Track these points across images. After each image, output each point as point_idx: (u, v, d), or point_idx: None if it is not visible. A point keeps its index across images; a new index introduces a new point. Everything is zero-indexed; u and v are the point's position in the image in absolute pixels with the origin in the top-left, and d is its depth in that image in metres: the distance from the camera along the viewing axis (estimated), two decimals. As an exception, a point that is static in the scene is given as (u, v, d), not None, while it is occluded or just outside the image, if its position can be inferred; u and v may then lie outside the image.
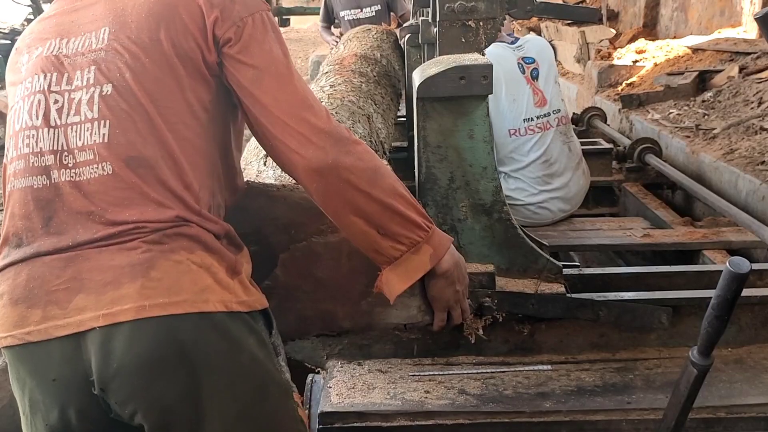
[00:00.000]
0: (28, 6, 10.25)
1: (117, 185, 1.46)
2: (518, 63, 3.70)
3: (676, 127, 5.05)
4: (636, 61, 6.89)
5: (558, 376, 2.35)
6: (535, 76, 3.70)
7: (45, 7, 9.98)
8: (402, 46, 4.63)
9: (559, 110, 3.76)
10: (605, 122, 5.64)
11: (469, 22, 2.53)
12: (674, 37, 7.48)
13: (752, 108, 4.90)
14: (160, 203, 1.47)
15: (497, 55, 3.61)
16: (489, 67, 2.25)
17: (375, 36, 4.79)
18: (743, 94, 5.25)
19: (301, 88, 1.61)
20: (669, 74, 6.27)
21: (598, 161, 4.54)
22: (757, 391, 2.18)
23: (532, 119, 3.65)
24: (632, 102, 5.91)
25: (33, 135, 1.49)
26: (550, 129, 3.67)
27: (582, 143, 4.76)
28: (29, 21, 10.79)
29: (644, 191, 4.39)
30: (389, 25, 6.02)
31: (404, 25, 4.97)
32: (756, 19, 1.96)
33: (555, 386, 2.29)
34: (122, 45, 1.50)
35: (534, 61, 3.72)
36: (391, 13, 6.69)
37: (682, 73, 6.12)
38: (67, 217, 1.45)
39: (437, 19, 2.55)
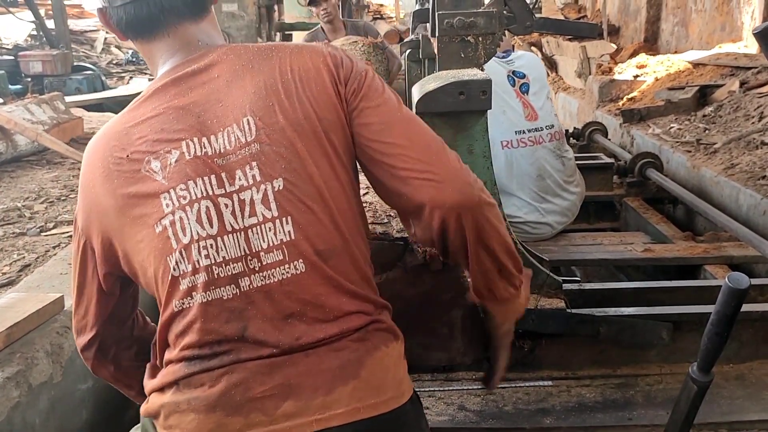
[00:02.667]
0: (32, 22, 10.29)
1: (312, 282, 1.39)
2: (508, 76, 3.70)
3: (677, 142, 5.05)
4: (637, 76, 6.90)
5: (558, 392, 2.34)
6: (524, 91, 3.69)
7: (49, 23, 10.03)
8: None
9: (552, 126, 3.74)
10: (606, 137, 5.63)
11: (469, 38, 2.54)
12: (675, 52, 7.50)
13: (753, 122, 4.90)
14: (354, 294, 1.44)
15: (487, 66, 3.61)
16: (488, 83, 2.25)
17: (361, 48, 4.78)
18: (744, 108, 5.25)
19: (428, 128, 1.57)
20: (670, 89, 6.28)
21: (599, 176, 4.54)
22: (759, 407, 2.17)
23: (523, 132, 3.64)
24: (633, 116, 5.91)
25: (212, 245, 1.38)
26: (542, 143, 3.66)
27: (583, 158, 4.77)
28: (32, 37, 10.87)
29: (645, 206, 4.38)
30: None
31: (405, 39, 4.98)
32: (755, 34, 1.97)
33: (555, 402, 2.28)
34: (275, 133, 1.40)
35: (524, 75, 3.72)
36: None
37: (683, 88, 6.13)
38: (263, 325, 1.38)
39: (437, 35, 2.56)
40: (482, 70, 2.54)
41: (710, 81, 6.13)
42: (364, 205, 1.91)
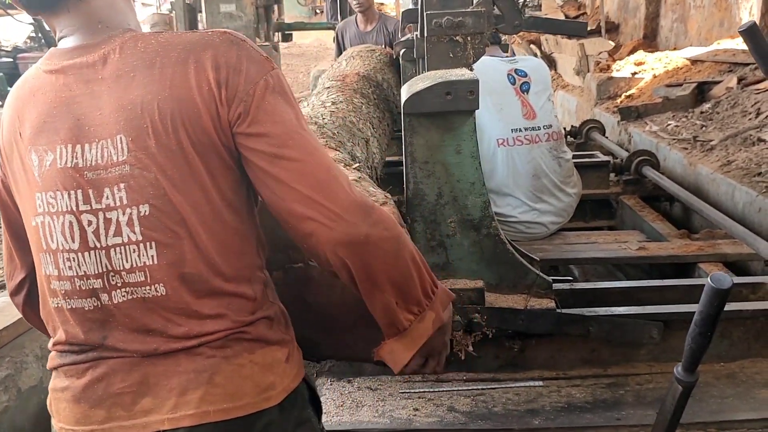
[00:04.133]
0: (30, 24, 10.30)
1: (172, 305, 1.41)
2: (509, 74, 3.70)
3: (674, 139, 5.04)
4: (635, 73, 6.88)
5: (549, 392, 2.33)
6: (525, 90, 3.69)
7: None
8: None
9: (550, 126, 3.73)
10: (603, 134, 5.62)
11: (457, 38, 2.53)
12: (674, 49, 7.47)
13: (750, 119, 4.89)
14: (217, 315, 1.45)
15: (486, 64, 3.61)
16: (475, 83, 2.25)
17: (378, 57, 4.77)
18: (741, 105, 5.23)
19: (321, 155, 1.50)
20: (668, 86, 6.26)
21: (595, 174, 4.53)
22: (748, 406, 2.16)
23: (520, 130, 3.63)
24: (631, 114, 5.90)
25: (74, 258, 1.41)
26: (539, 143, 3.65)
27: (579, 156, 4.76)
28: (32, 39, 10.87)
29: (641, 204, 4.37)
30: None
31: (400, 39, 4.97)
32: (740, 32, 1.95)
33: (545, 403, 2.27)
34: (146, 156, 1.38)
35: (526, 75, 3.72)
36: None
37: (680, 85, 6.11)
38: (124, 336, 1.42)
39: (425, 35, 2.55)
40: (471, 69, 2.53)
41: (708, 78, 6.11)
42: None
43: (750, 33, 1.92)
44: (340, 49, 6.68)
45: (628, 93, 6.66)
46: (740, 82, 5.64)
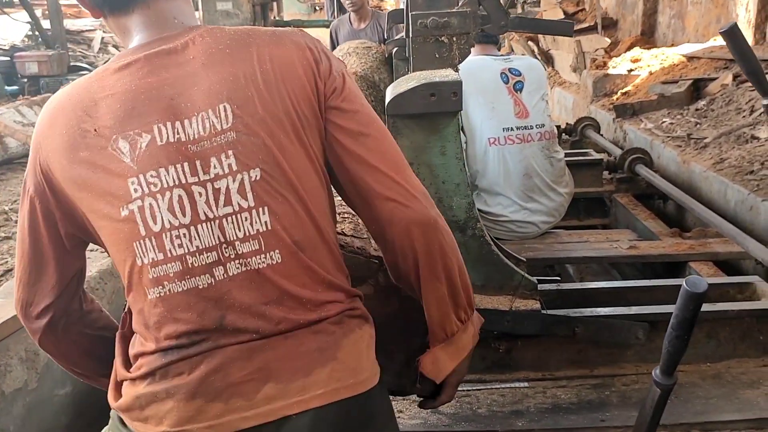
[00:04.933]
0: (28, 23, 10.29)
1: (289, 272, 1.39)
2: (502, 72, 3.67)
3: (669, 137, 5.03)
4: (631, 70, 6.87)
5: (534, 393, 2.33)
6: (518, 89, 3.66)
7: (45, 23, 10.03)
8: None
9: (542, 125, 3.71)
10: (599, 132, 5.62)
11: (443, 38, 2.52)
12: (672, 45, 7.46)
13: (744, 116, 4.88)
14: (330, 284, 1.45)
15: (479, 63, 3.61)
16: (458, 84, 2.24)
17: (374, 56, 4.74)
18: (736, 102, 5.23)
19: (395, 143, 1.55)
20: (664, 83, 6.26)
21: (588, 172, 4.52)
22: (733, 407, 2.16)
23: (512, 129, 3.61)
24: (626, 111, 5.89)
25: (185, 234, 1.35)
26: (531, 142, 3.63)
27: (573, 154, 4.76)
28: (29, 38, 10.85)
29: (634, 202, 4.37)
30: None
31: (393, 37, 4.95)
32: (721, 33, 1.95)
33: (530, 404, 2.27)
34: (253, 122, 1.36)
35: (520, 74, 3.69)
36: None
37: (676, 82, 6.10)
38: (242, 313, 1.37)
39: (410, 35, 2.55)
40: (457, 70, 2.53)
41: (704, 75, 6.09)
42: (348, 216, 1.91)
43: (731, 34, 1.92)
44: (333, 48, 6.69)
45: (624, 90, 6.65)
46: (735, 79, 5.63)
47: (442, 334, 1.61)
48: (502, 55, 3.92)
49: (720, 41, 6.56)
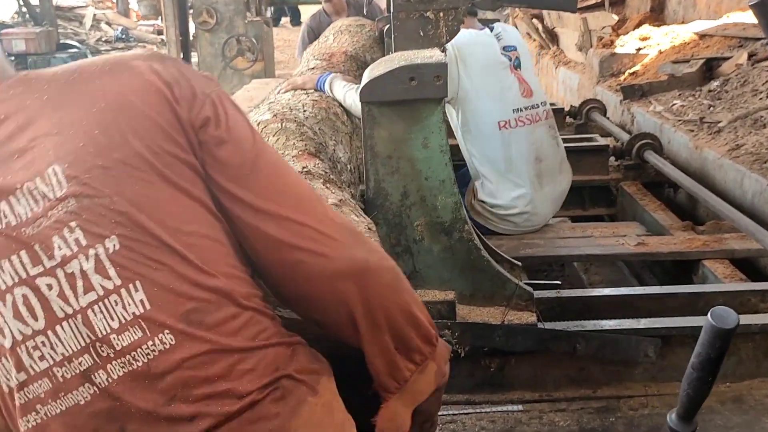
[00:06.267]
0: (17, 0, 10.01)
1: (189, 354, 1.10)
2: (502, 51, 3.38)
3: (680, 120, 4.72)
4: (639, 49, 6.53)
5: (529, 419, 2.06)
6: (517, 65, 3.36)
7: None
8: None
9: (545, 103, 3.44)
10: (605, 115, 5.31)
11: (428, 14, 2.23)
12: (682, 22, 7.12)
13: (761, 98, 4.56)
14: (247, 349, 1.13)
15: (475, 39, 3.29)
16: (442, 66, 1.95)
17: (368, 34, 4.44)
18: (752, 82, 4.90)
19: (296, 174, 1.25)
20: (674, 62, 5.92)
21: (594, 159, 4.22)
22: (758, 440, 1.88)
23: (521, 110, 3.32)
24: (634, 93, 5.57)
25: (44, 342, 1.09)
26: (539, 121, 3.35)
27: (577, 139, 4.47)
28: (18, 14, 10.57)
29: (643, 191, 4.07)
30: None
31: (385, 14, 4.64)
32: (751, 6, 1.65)
33: (524, 431, 1.99)
34: (93, 180, 1.08)
35: (515, 48, 3.42)
36: None
37: (687, 61, 5.77)
38: (145, 422, 1.09)
39: (391, 10, 2.25)
40: (443, 50, 2.23)
41: (717, 53, 5.76)
42: None
43: (761, 7, 1.62)
44: (305, 47, 6.14)
45: (632, 70, 6.32)
46: (751, 58, 5.29)
47: (392, 383, 1.32)
48: (481, 28, 3.58)
49: (734, 18, 6.23)
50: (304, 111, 2.59)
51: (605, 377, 2.16)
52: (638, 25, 7.42)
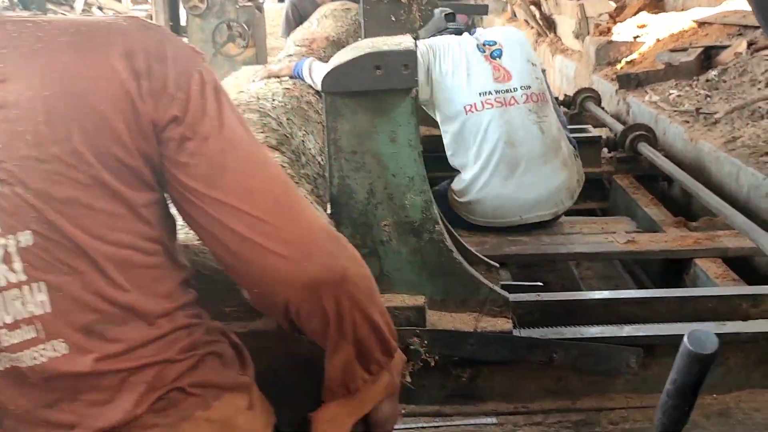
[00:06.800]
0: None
1: (81, 366, 1.03)
2: (477, 45, 3.24)
3: (675, 111, 4.58)
4: (637, 37, 6.38)
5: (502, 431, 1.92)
6: (497, 55, 3.20)
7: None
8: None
9: (529, 87, 3.23)
10: (599, 105, 5.16)
11: (400, -2, 2.09)
12: (682, 9, 6.96)
13: (759, 89, 4.41)
14: (144, 366, 1.06)
15: (455, 39, 3.16)
16: (411, 54, 1.81)
17: (354, 18, 4.28)
18: (750, 72, 4.76)
19: (277, 168, 1.15)
20: (672, 51, 5.78)
21: (585, 151, 4.03)
22: (746, 460, 1.75)
23: (490, 93, 3.14)
24: (630, 82, 5.43)
25: None
26: (513, 105, 3.17)
27: (569, 130, 4.31)
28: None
29: (636, 185, 3.94)
30: None
31: None
32: (741, -9, 1.51)
33: (496, 447, 1.86)
34: (22, 171, 0.99)
35: (495, 42, 3.25)
36: None
37: (685, 50, 5.62)
38: (22, 420, 1.04)
39: (362, -6, 2.11)
40: (416, 37, 2.09)
41: (716, 42, 5.62)
42: None
43: (755, -7, 1.47)
44: (290, 26, 5.96)
45: (629, 58, 6.18)
46: (750, 47, 5.15)
47: (342, 390, 1.27)
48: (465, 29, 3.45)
49: (734, 5, 6.08)
50: (273, 100, 2.45)
51: (585, 388, 2.03)
52: (637, 12, 7.27)
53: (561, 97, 5.44)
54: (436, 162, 4.03)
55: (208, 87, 1.07)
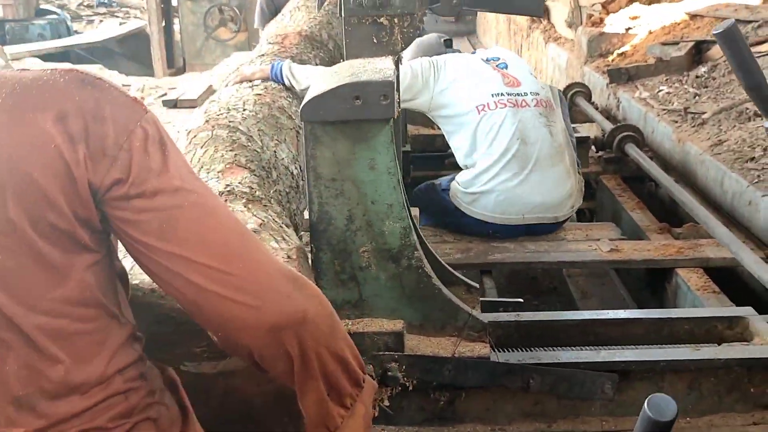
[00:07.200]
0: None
1: None
2: (482, 59, 3.36)
3: (664, 110, 4.58)
4: (629, 29, 6.35)
5: (479, 455, 1.95)
6: (503, 67, 3.31)
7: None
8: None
9: (537, 93, 3.31)
10: (590, 100, 5.17)
11: (382, 19, 2.09)
12: (676, 0, 6.93)
13: (748, 89, 4.41)
14: None
15: (459, 54, 3.30)
16: (389, 85, 1.81)
17: (326, 8, 4.25)
18: (740, 70, 4.75)
19: (228, 216, 1.14)
20: (663, 44, 5.76)
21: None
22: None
23: (502, 94, 3.20)
24: (621, 76, 5.42)
25: None
26: (525, 107, 3.22)
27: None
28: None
29: (623, 186, 3.95)
30: None
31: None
32: (715, 35, 1.51)
33: (472, 471, 1.89)
34: None
35: (499, 58, 3.39)
36: None
37: (677, 43, 5.61)
38: None
39: (342, 14, 2.11)
40: (399, 59, 2.09)
41: (707, 36, 5.59)
42: None
43: (727, 36, 1.48)
44: (264, 18, 5.69)
45: (620, 50, 6.16)
46: (741, 43, 5.13)
47: (323, 430, 1.27)
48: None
49: (727, -2, 6.06)
50: (244, 110, 2.45)
51: (561, 411, 2.06)
52: (630, 3, 7.23)
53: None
54: (424, 161, 4.08)
55: (151, 141, 1.06)
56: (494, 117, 3.17)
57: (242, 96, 2.69)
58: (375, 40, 2.10)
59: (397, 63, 2.20)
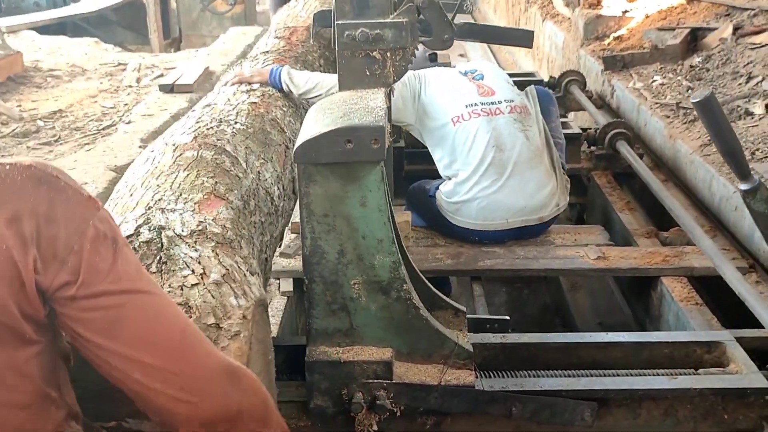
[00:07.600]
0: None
1: None
2: (459, 72, 3.49)
3: (657, 103, 4.62)
4: (626, 11, 6.35)
5: (462, 479, 2.05)
6: (479, 78, 3.39)
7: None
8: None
9: (512, 100, 3.36)
10: (584, 88, 5.20)
11: (374, 53, 2.13)
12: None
13: (740, 84, 4.45)
14: None
15: (437, 68, 3.52)
16: (380, 130, 1.86)
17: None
18: (734, 62, 4.78)
19: (171, 314, 1.19)
20: (660, 29, 5.77)
21: (566, 146, 4.13)
22: None
23: (476, 105, 3.28)
24: (615, 64, 5.44)
25: None
26: (500, 114, 3.28)
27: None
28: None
29: (613, 184, 4.02)
30: None
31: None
32: (694, 104, 1.57)
33: (455, 495, 1.99)
34: None
35: (476, 70, 3.49)
36: None
37: (673, 29, 5.62)
38: None
39: (336, 48, 2.15)
40: (391, 90, 2.14)
41: (703, 22, 5.61)
42: None
43: (705, 106, 1.54)
44: (278, 1, 5.60)
45: (617, 34, 6.16)
46: (735, 33, 5.15)
47: None
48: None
49: (723, -17, 6.04)
50: (235, 123, 2.47)
51: (543, 435, 2.15)
52: (629, -19, 7.19)
53: (546, 78, 5.47)
54: (417, 156, 4.12)
55: (101, 240, 1.11)
56: (469, 127, 3.24)
57: (237, 104, 2.71)
58: (368, 72, 2.15)
59: (389, 95, 2.25)
